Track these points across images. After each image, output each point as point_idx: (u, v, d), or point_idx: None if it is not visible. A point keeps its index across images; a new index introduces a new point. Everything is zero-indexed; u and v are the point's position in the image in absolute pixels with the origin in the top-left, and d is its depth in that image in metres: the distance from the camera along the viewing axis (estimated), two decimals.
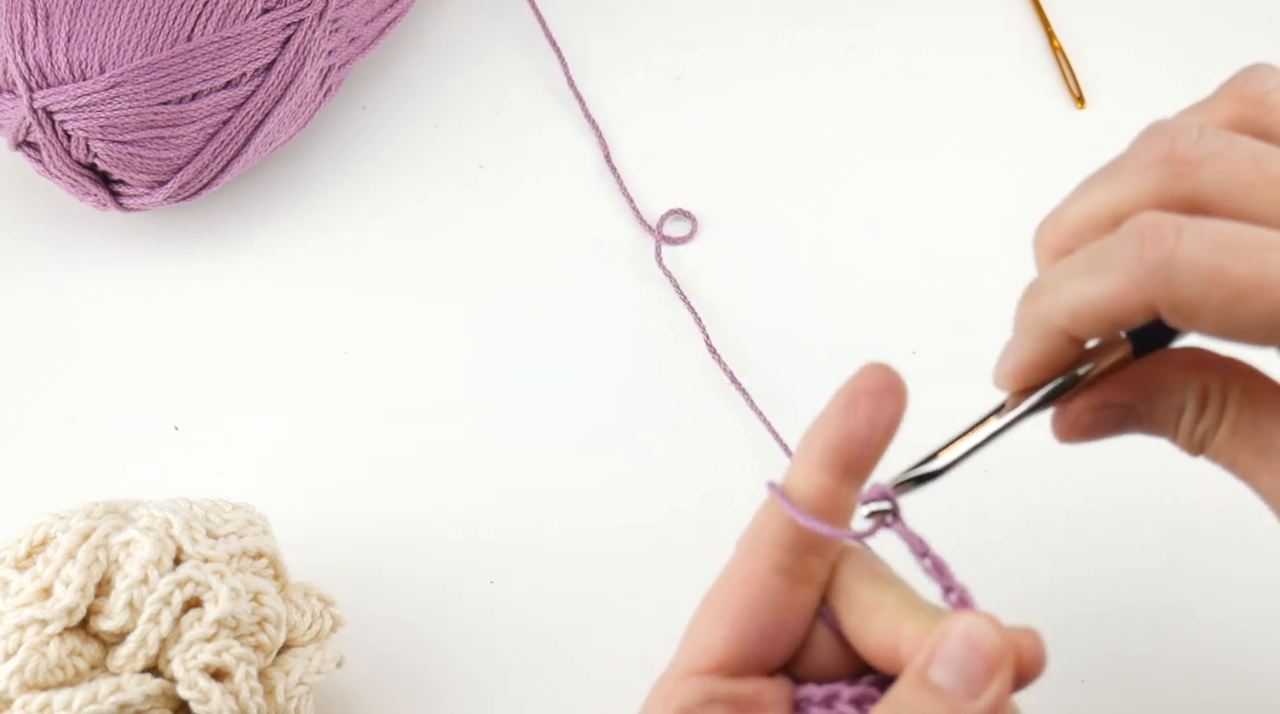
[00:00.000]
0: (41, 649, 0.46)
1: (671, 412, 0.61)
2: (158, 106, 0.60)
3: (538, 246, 0.66)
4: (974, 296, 0.64)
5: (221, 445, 0.60)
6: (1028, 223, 0.66)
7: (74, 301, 0.64)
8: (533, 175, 0.68)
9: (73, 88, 0.59)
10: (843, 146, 0.68)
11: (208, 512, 0.50)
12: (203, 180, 0.62)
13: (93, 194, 0.62)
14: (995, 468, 0.60)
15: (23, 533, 0.49)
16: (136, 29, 0.59)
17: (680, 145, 0.69)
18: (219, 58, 0.60)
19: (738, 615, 0.37)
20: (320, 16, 0.62)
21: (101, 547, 0.47)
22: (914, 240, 0.66)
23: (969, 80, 0.70)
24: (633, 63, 0.71)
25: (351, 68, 0.67)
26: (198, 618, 0.47)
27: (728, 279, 0.65)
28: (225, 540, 0.49)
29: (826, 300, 0.64)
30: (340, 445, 0.61)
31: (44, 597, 0.47)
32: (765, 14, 0.73)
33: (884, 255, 0.66)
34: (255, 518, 0.51)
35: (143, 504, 0.50)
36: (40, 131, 0.60)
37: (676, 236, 0.66)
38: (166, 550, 0.48)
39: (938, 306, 0.64)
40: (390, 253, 0.66)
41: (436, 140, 0.69)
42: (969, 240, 0.66)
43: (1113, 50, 0.71)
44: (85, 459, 0.60)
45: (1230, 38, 0.71)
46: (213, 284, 0.65)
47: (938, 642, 0.35)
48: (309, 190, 0.67)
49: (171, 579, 0.47)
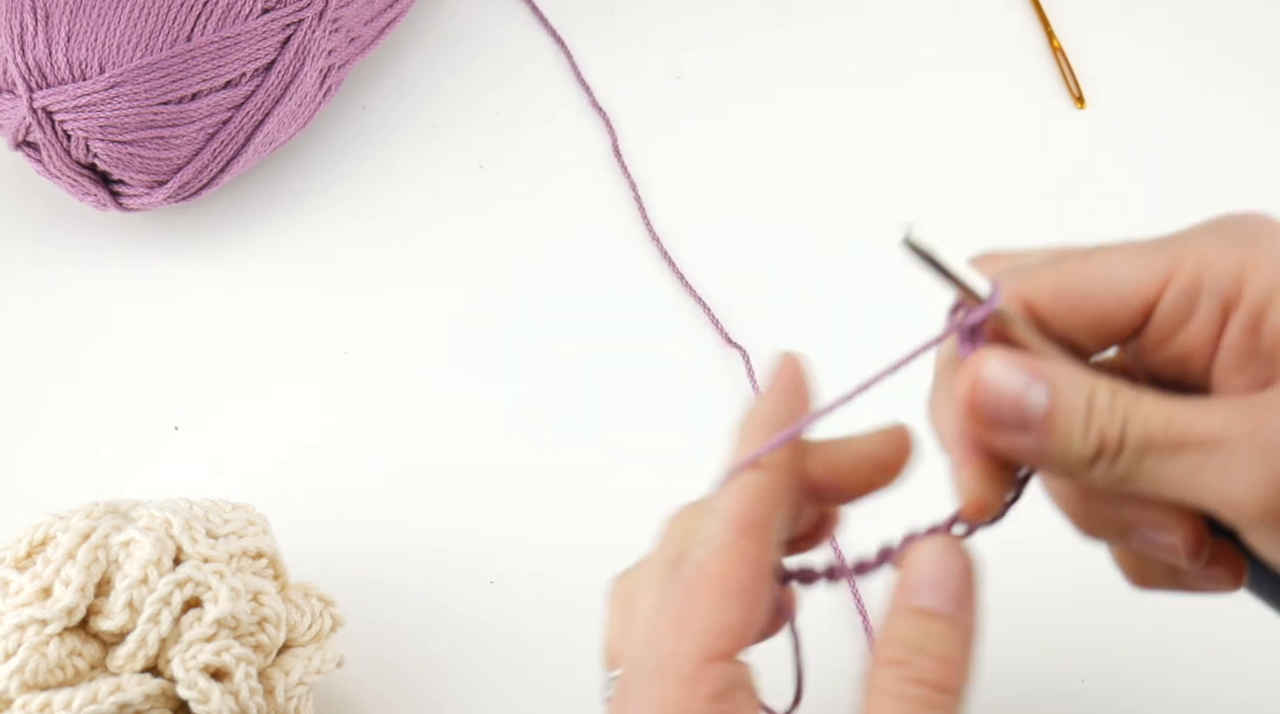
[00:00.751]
0: (41, 649, 0.46)
1: (675, 412, 0.61)
2: (158, 106, 0.60)
3: (538, 246, 0.66)
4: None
5: (221, 445, 0.60)
6: (1028, 222, 0.66)
7: (74, 302, 0.64)
8: (533, 174, 0.68)
9: (72, 88, 0.59)
10: (842, 146, 0.68)
11: (208, 512, 0.50)
12: (203, 180, 0.62)
13: (93, 194, 0.62)
14: None
15: (23, 533, 0.49)
16: (136, 29, 0.59)
17: (680, 145, 0.69)
18: (219, 58, 0.60)
19: (748, 597, 0.37)
20: (320, 16, 0.62)
21: (101, 547, 0.47)
22: None
23: (969, 80, 0.70)
24: (632, 62, 0.71)
25: (351, 68, 0.67)
26: (198, 618, 0.47)
27: (728, 278, 0.65)
28: (225, 540, 0.49)
29: (826, 300, 0.64)
30: (340, 445, 0.61)
31: (44, 597, 0.47)
32: (764, 14, 0.73)
33: (883, 254, 0.66)
34: (255, 518, 0.51)
35: (143, 504, 0.50)
36: (40, 131, 0.60)
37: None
38: (166, 550, 0.48)
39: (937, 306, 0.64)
40: (390, 252, 0.66)
41: (436, 140, 0.69)
42: (969, 240, 0.66)
43: (1113, 50, 0.71)
44: (85, 459, 0.60)
45: (1230, 38, 0.71)
46: (213, 284, 0.65)
47: (912, 573, 0.36)
48: (309, 190, 0.67)
49: (171, 579, 0.47)
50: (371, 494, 0.59)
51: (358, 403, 0.62)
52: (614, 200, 0.67)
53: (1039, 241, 0.66)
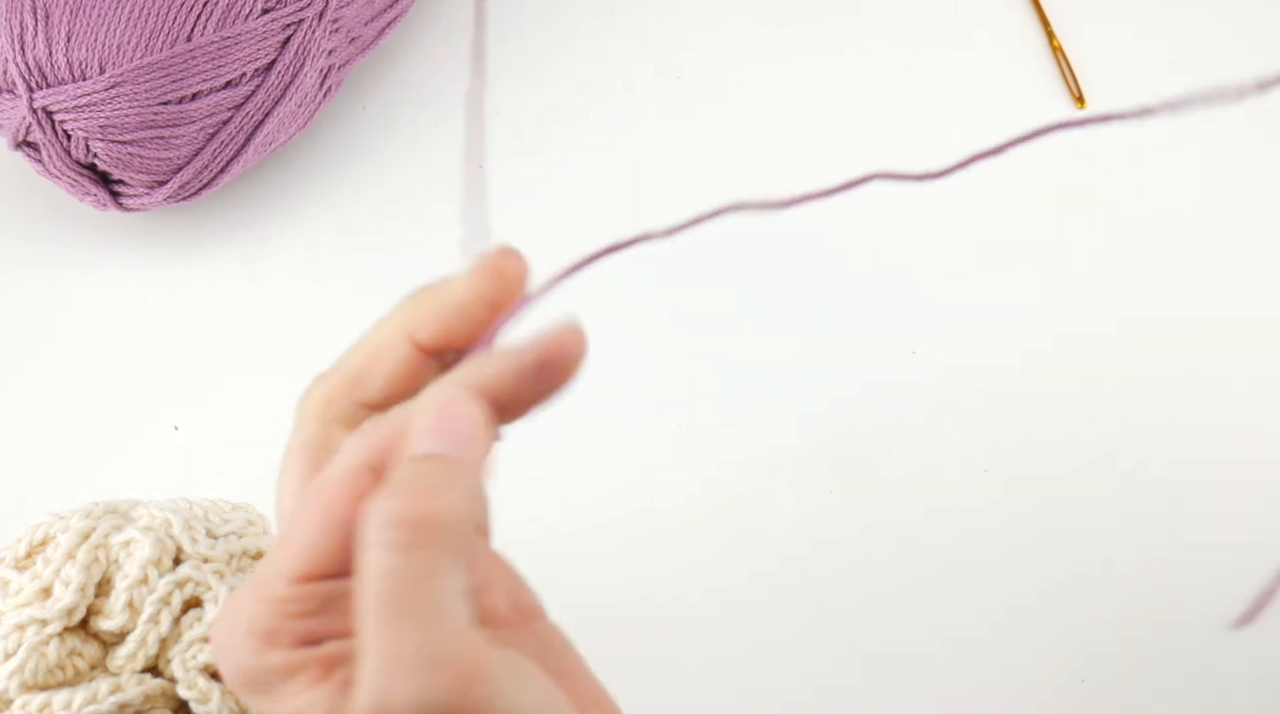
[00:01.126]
0: (41, 649, 0.46)
1: (675, 412, 0.61)
2: (158, 106, 0.60)
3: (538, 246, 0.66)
4: (973, 296, 0.64)
5: (221, 445, 0.60)
6: (1027, 222, 0.66)
7: (74, 301, 0.64)
8: (533, 175, 0.68)
9: (72, 88, 0.59)
10: (841, 146, 0.68)
11: (207, 511, 0.50)
12: (203, 180, 0.62)
13: (93, 194, 0.62)
14: (994, 466, 0.61)
15: (22, 533, 0.49)
16: (136, 29, 0.59)
17: (679, 145, 0.69)
18: (219, 58, 0.60)
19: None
20: (320, 17, 0.62)
21: (101, 547, 0.47)
22: (913, 239, 0.66)
23: (968, 80, 0.70)
24: (632, 62, 0.71)
25: (352, 68, 0.67)
26: (198, 618, 0.47)
27: (727, 276, 0.65)
28: (225, 540, 0.49)
29: (825, 299, 0.64)
30: None
31: (44, 597, 0.47)
32: (764, 14, 0.72)
33: (883, 254, 0.66)
34: (255, 518, 0.51)
35: (143, 504, 0.50)
36: (40, 131, 0.60)
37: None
38: (166, 550, 0.48)
39: (937, 306, 0.64)
40: (390, 252, 0.66)
41: (436, 140, 0.68)
42: (968, 240, 0.66)
43: (1113, 50, 0.71)
44: (85, 459, 0.60)
45: (1230, 37, 0.71)
46: (213, 284, 0.65)
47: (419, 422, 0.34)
48: (309, 190, 0.67)
49: (171, 579, 0.47)
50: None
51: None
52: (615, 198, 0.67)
53: (1039, 241, 0.66)
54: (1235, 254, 0.66)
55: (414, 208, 0.67)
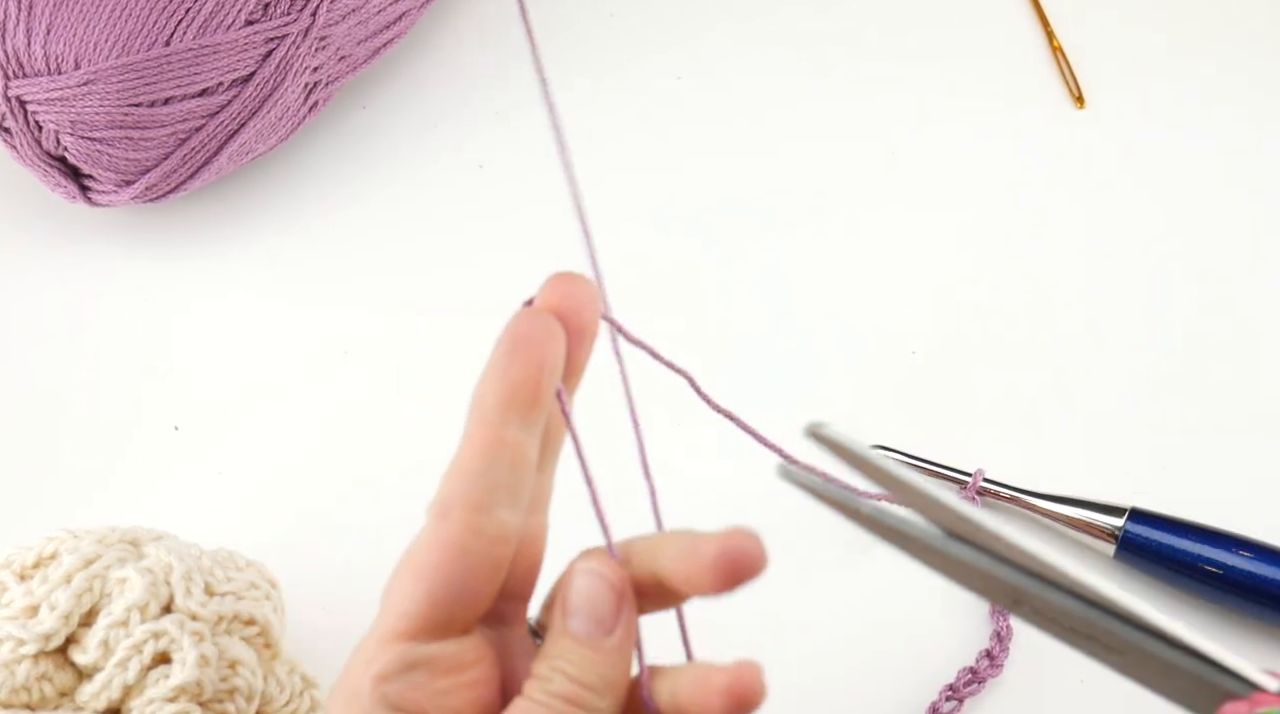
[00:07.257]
0: (12, 667, 0.46)
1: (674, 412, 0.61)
2: (128, 107, 0.59)
3: (538, 247, 0.66)
4: (973, 296, 0.64)
5: (221, 446, 0.60)
6: (1027, 222, 0.66)
7: (73, 301, 0.64)
8: (533, 175, 0.68)
9: (46, 80, 0.59)
10: (841, 146, 0.68)
11: (216, 564, 0.50)
12: (170, 184, 0.62)
13: (63, 186, 0.62)
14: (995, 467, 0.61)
15: (36, 543, 0.49)
16: (115, 28, 0.59)
17: (679, 145, 0.68)
18: (195, 65, 0.60)
19: (434, 579, 0.37)
20: (305, 34, 0.61)
21: (99, 577, 0.47)
22: (913, 239, 0.66)
23: (968, 80, 0.70)
24: (632, 62, 0.71)
25: (342, 84, 0.66)
26: (164, 674, 0.47)
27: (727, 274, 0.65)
28: (220, 600, 0.49)
29: (825, 299, 0.64)
30: (340, 445, 0.61)
31: (30, 615, 0.47)
32: (762, 15, 0.72)
33: (883, 254, 0.66)
34: (261, 581, 0.51)
35: (157, 541, 0.50)
36: (13, 120, 0.60)
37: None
38: (157, 597, 0.47)
39: (937, 306, 0.64)
40: (390, 252, 0.66)
41: (436, 140, 0.68)
42: (968, 240, 0.66)
43: (1113, 50, 0.71)
44: (85, 459, 0.60)
45: (1230, 38, 0.71)
46: (214, 283, 0.64)
47: (565, 594, 0.38)
48: (310, 189, 0.67)
49: (148, 629, 0.46)
50: (371, 493, 0.59)
51: (358, 403, 0.62)
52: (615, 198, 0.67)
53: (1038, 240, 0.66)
54: (1235, 254, 0.66)
55: (414, 207, 0.67)
